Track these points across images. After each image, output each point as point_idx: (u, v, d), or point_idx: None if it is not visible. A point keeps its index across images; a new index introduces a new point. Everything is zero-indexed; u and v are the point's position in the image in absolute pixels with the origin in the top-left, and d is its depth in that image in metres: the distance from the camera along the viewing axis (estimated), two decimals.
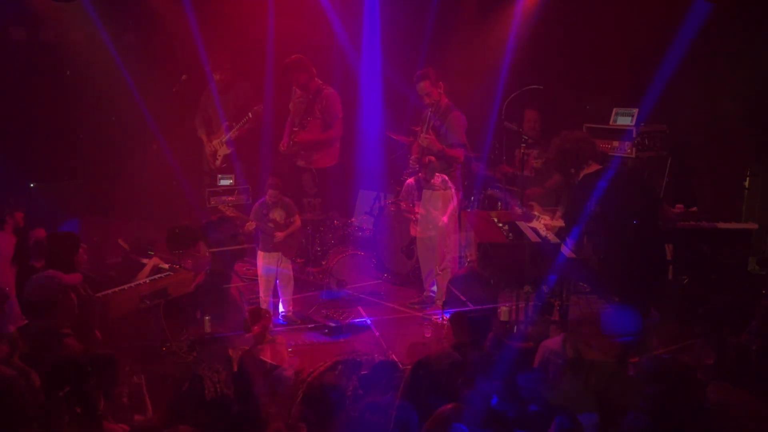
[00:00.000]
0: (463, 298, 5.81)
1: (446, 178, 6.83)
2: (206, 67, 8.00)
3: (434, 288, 7.05)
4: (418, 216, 6.95)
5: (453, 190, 6.87)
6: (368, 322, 6.69)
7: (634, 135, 6.58)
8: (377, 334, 6.44)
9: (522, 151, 6.79)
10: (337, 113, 7.72)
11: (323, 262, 7.54)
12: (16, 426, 3.50)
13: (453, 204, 6.88)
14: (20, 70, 8.02)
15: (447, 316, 6.21)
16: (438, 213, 6.85)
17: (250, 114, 8.00)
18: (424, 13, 8.48)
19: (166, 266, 6.10)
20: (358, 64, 8.45)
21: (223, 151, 8.21)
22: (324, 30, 8.43)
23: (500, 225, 5.65)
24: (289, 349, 5.78)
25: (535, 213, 5.87)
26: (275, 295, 6.75)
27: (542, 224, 5.68)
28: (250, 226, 6.54)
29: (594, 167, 4.95)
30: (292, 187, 7.47)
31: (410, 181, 7.09)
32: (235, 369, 4.82)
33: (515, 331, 5.46)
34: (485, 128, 7.61)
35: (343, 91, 8.01)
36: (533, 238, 5.39)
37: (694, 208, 6.19)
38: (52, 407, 3.58)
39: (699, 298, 5.88)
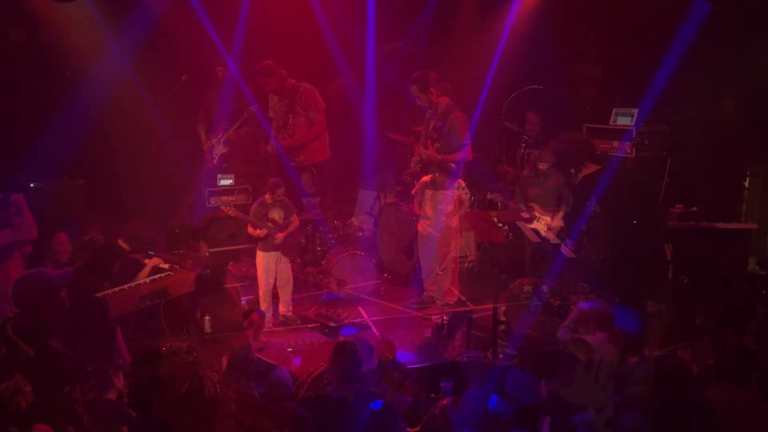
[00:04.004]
0: None
1: (462, 182, 6.77)
2: (228, 59, 7.99)
3: (434, 288, 7.04)
4: (429, 218, 6.88)
5: (466, 193, 6.80)
6: (368, 322, 6.70)
7: (634, 135, 6.58)
8: (377, 334, 6.44)
9: (522, 151, 6.79)
10: (317, 106, 7.68)
11: (323, 262, 7.54)
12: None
13: (464, 207, 6.84)
14: (20, 70, 8.01)
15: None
16: (447, 215, 6.77)
17: (245, 114, 7.99)
18: (424, 12, 8.49)
19: (166, 266, 6.09)
20: (358, 64, 8.45)
21: (220, 150, 8.20)
22: (324, 29, 8.42)
23: (500, 225, 5.66)
24: (289, 349, 5.79)
25: (536, 214, 5.88)
26: (275, 295, 6.75)
27: (543, 225, 5.68)
28: (269, 236, 6.49)
29: (593, 168, 4.97)
30: (292, 186, 7.46)
31: (425, 178, 6.90)
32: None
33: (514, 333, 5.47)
34: (483, 128, 7.60)
35: (343, 90, 8.01)
36: (533, 238, 5.40)
37: (694, 208, 6.19)
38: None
39: (699, 298, 5.89)
